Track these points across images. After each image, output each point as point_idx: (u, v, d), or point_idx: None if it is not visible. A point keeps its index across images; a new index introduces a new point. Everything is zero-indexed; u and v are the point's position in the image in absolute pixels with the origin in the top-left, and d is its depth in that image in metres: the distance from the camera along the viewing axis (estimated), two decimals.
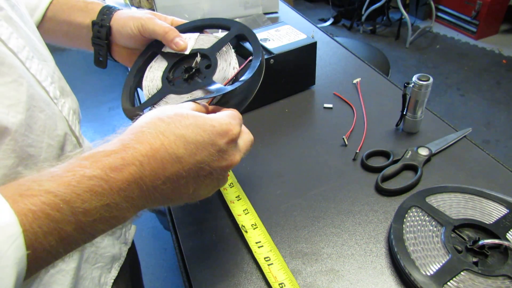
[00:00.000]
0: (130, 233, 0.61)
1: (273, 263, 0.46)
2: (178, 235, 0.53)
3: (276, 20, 1.11)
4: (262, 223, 0.51)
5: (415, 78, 0.60)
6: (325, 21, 3.24)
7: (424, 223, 0.48)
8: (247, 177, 0.60)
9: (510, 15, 2.84)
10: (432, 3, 2.83)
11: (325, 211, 0.54)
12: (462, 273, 0.42)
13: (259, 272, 0.47)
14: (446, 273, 0.42)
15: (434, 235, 0.47)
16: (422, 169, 0.57)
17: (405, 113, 0.64)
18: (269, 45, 0.72)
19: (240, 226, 0.51)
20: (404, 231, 0.48)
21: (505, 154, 1.90)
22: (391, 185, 0.56)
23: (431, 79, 0.60)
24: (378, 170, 0.58)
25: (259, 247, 0.48)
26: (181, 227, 0.54)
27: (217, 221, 0.54)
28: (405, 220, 0.49)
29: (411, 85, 0.61)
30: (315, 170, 0.61)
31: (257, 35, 0.55)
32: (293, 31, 0.76)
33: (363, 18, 2.99)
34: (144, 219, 1.69)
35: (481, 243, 0.44)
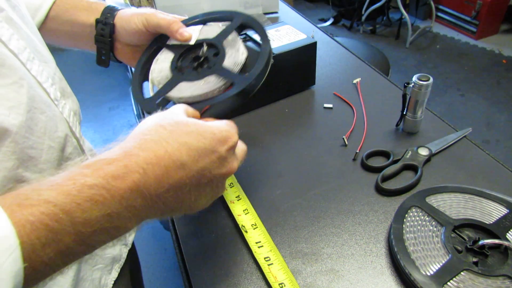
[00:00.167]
0: (130, 234, 0.61)
1: (273, 263, 0.46)
2: (178, 235, 0.53)
3: (276, 20, 1.11)
4: (262, 223, 0.51)
5: (415, 78, 0.60)
6: (325, 21, 3.24)
7: (424, 223, 0.48)
8: (247, 177, 0.60)
9: (510, 15, 2.84)
10: (432, 3, 2.83)
11: (325, 211, 0.54)
12: (462, 273, 0.42)
13: (259, 272, 0.47)
14: (446, 273, 0.42)
15: (434, 235, 0.47)
16: (422, 169, 0.57)
17: (405, 113, 0.64)
18: None
19: (240, 226, 0.51)
20: (404, 231, 0.48)
21: (505, 154, 1.90)
22: (391, 185, 0.56)
23: (431, 79, 0.60)
24: (378, 170, 0.58)
25: (259, 247, 0.48)
26: (181, 227, 0.54)
27: (217, 221, 0.54)
28: (405, 220, 0.49)
29: (411, 85, 0.61)
30: (315, 170, 0.61)
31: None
32: (293, 31, 0.76)
33: (363, 18, 2.99)
34: None
35: (481, 243, 0.44)
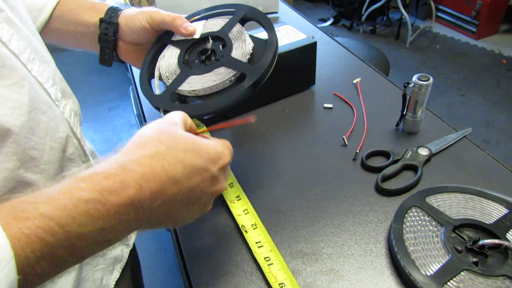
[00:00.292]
0: (132, 234, 0.61)
1: (273, 263, 0.46)
2: (178, 235, 0.53)
3: (276, 20, 1.11)
4: (262, 223, 0.51)
5: (415, 78, 0.60)
6: (325, 21, 3.24)
7: (424, 223, 0.48)
8: (247, 177, 0.60)
9: (510, 15, 2.84)
10: (432, 3, 2.83)
11: (325, 211, 0.54)
12: (462, 273, 0.42)
13: (259, 272, 0.47)
14: (446, 273, 0.42)
15: (434, 235, 0.47)
16: (422, 169, 0.57)
17: (405, 113, 0.64)
18: None
19: (240, 226, 0.51)
20: (404, 231, 0.48)
21: (505, 154, 1.90)
22: (391, 185, 0.56)
23: (431, 79, 0.60)
24: (378, 170, 0.58)
25: (259, 247, 0.48)
26: (181, 227, 0.54)
27: (217, 221, 0.54)
28: (405, 220, 0.49)
29: (411, 85, 0.61)
30: (315, 170, 0.61)
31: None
32: (293, 31, 0.76)
33: (363, 18, 2.99)
34: None
35: (481, 243, 0.44)
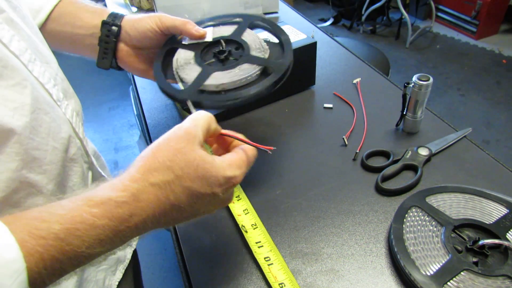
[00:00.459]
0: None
1: (273, 263, 0.46)
2: (178, 235, 0.53)
3: (276, 20, 1.11)
4: (262, 223, 0.51)
5: (415, 78, 0.60)
6: (325, 21, 3.24)
7: (424, 223, 0.48)
8: (247, 177, 0.60)
9: (510, 15, 2.84)
10: (432, 3, 2.83)
11: (325, 211, 0.54)
12: (462, 273, 0.42)
13: (259, 272, 0.47)
14: (446, 273, 0.42)
15: (434, 235, 0.47)
16: (422, 169, 0.57)
17: (405, 113, 0.64)
18: None
19: (240, 226, 0.51)
20: (404, 231, 0.48)
21: (505, 154, 1.90)
22: (391, 185, 0.56)
23: (431, 79, 0.60)
24: (378, 170, 0.58)
25: (259, 247, 0.48)
26: (181, 227, 0.54)
27: (217, 221, 0.54)
28: (405, 220, 0.49)
29: (411, 85, 0.61)
30: (315, 170, 0.61)
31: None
32: (293, 31, 0.76)
33: (363, 18, 2.99)
34: None
35: (481, 243, 0.44)
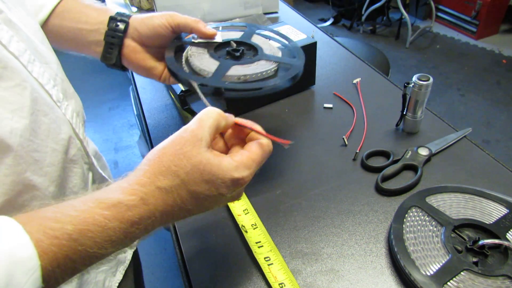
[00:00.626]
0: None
1: (273, 263, 0.46)
2: (178, 235, 0.53)
3: (276, 20, 1.11)
4: (262, 223, 0.51)
5: (415, 78, 0.60)
6: (325, 21, 3.24)
7: (424, 223, 0.48)
8: None
9: (510, 15, 2.83)
10: (432, 3, 2.83)
11: (325, 211, 0.54)
12: (462, 273, 0.42)
13: (259, 272, 0.47)
14: (446, 273, 0.42)
15: (434, 235, 0.47)
16: (422, 169, 0.57)
17: (405, 113, 0.64)
18: None
19: (240, 226, 0.51)
20: (404, 231, 0.48)
21: (505, 154, 1.90)
22: (391, 185, 0.56)
23: (431, 79, 0.60)
24: (378, 170, 0.58)
25: (259, 247, 0.48)
26: (181, 227, 0.54)
27: (217, 221, 0.54)
28: (405, 220, 0.49)
29: (411, 85, 0.61)
30: (315, 170, 0.61)
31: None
32: (293, 31, 0.76)
33: (363, 18, 2.99)
34: None
35: (481, 243, 0.44)
